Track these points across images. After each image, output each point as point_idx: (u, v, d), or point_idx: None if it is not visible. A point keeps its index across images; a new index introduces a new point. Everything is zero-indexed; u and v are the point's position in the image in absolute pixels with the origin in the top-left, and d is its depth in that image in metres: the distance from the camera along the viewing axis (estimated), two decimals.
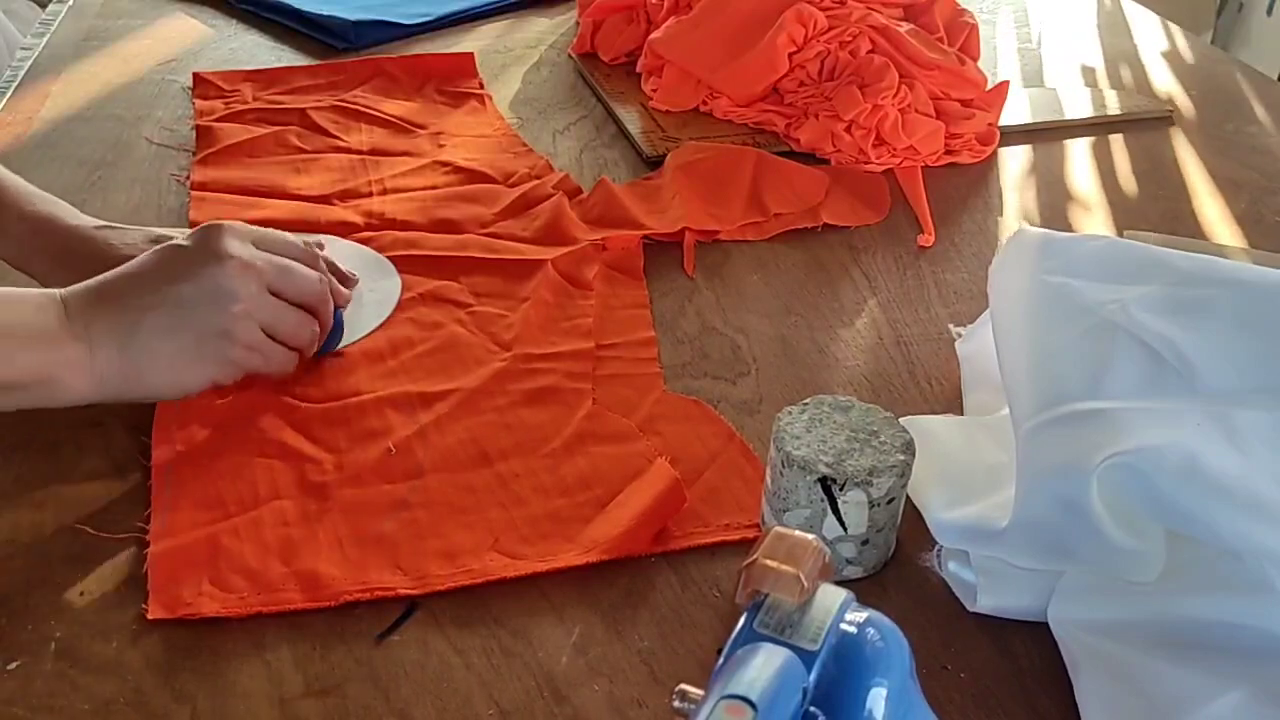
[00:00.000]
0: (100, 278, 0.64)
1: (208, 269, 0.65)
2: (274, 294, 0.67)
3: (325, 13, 1.23)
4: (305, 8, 1.24)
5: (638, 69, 1.13)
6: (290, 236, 0.71)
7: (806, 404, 0.60)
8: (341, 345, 0.75)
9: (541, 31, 1.28)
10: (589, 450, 0.67)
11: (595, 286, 0.82)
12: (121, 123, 1.04)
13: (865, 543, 0.58)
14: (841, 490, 0.56)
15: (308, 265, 0.70)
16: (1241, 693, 0.51)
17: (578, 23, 1.23)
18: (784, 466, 0.57)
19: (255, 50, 1.20)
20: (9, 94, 1.09)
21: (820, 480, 0.56)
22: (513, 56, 1.21)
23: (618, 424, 0.69)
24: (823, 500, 0.57)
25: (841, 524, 0.57)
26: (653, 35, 1.11)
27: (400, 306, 0.79)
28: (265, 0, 1.27)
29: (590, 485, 0.65)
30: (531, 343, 0.76)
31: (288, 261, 0.69)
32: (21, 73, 1.13)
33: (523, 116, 1.08)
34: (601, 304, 0.80)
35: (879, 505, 0.57)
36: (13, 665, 0.54)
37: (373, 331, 0.77)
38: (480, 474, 0.65)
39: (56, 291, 0.63)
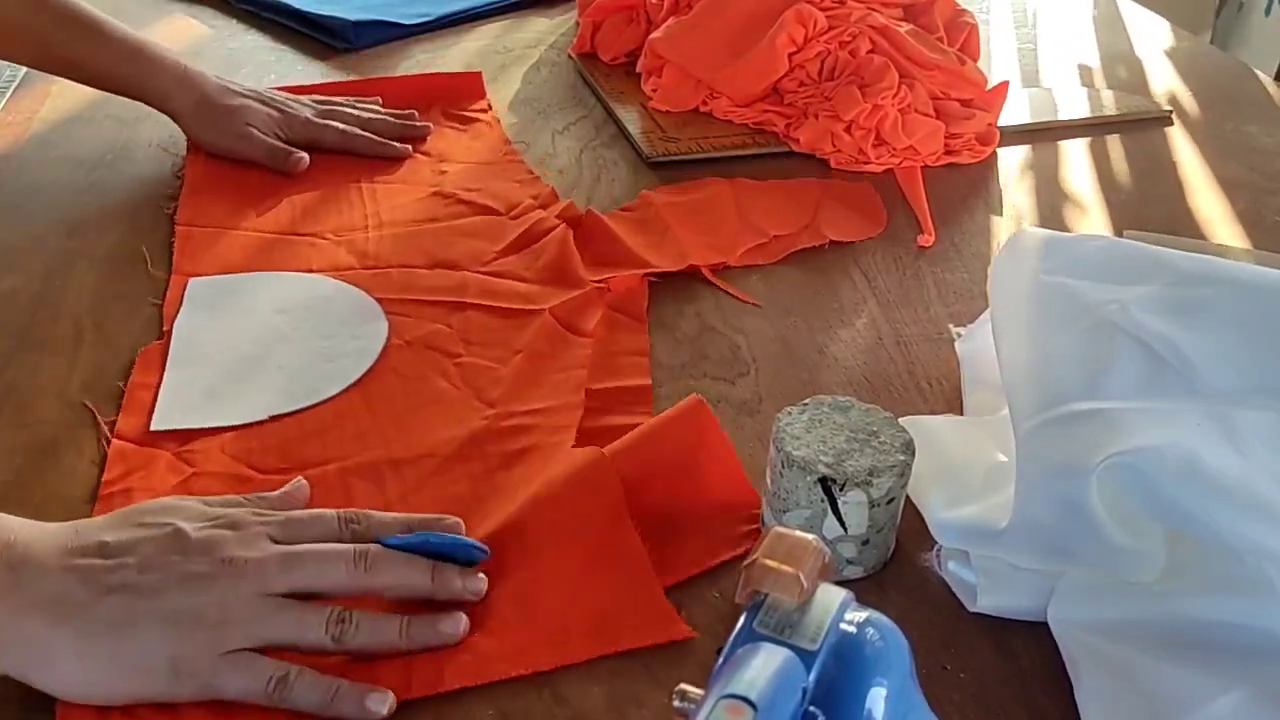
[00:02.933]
0: (71, 534, 0.53)
1: (203, 562, 0.52)
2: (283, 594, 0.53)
3: (325, 13, 1.23)
4: (305, 8, 1.24)
5: (638, 69, 1.13)
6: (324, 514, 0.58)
7: (806, 404, 0.60)
8: (318, 401, 0.70)
9: (541, 31, 1.28)
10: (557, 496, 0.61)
11: (596, 333, 0.77)
12: (121, 123, 1.04)
13: (865, 543, 0.58)
14: (842, 490, 0.56)
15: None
16: (1241, 693, 0.51)
17: (578, 23, 1.23)
18: (784, 467, 0.57)
19: (255, 50, 1.20)
20: (9, 94, 1.09)
21: (820, 480, 0.56)
22: (513, 56, 1.21)
23: (574, 455, 0.64)
24: (823, 500, 0.57)
25: (842, 524, 0.57)
26: (653, 35, 1.11)
27: (385, 354, 0.75)
28: (265, 0, 1.27)
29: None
30: (517, 399, 0.71)
31: (304, 549, 0.54)
32: (21, 73, 1.13)
33: (523, 116, 1.08)
34: (600, 349, 0.76)
35: (879, 505, 0.57)
36: None
37: (352, 385, 0.72)
38: None
39: (7, 524, 0.52)
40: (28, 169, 0.96)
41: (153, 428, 0.68)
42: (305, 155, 0.96)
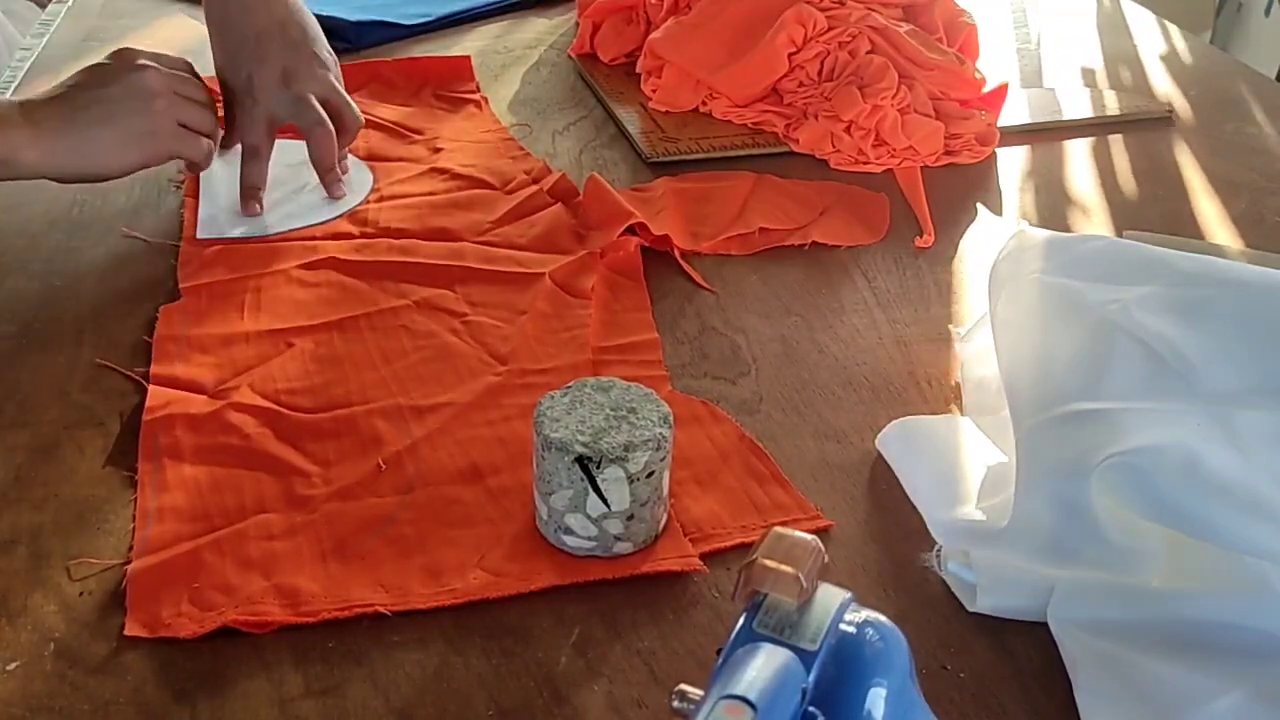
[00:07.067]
0: (46, 90, 0.82)
1: (130, 75, 0.82)
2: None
3: (325, 13, 1.23)
4: None
5: (637, 69, 1.13)
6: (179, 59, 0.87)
7: (569, 387, 0.61)
8: (314, 223, 0.88)
9: (541, 32, 1.28)
10: None
11: (595, 295, 0.80)
12: None
13: (631, 518, 0.59)
14: (599, 468, 0.57)
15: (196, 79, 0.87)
16: (1241, 693, 0.51)
17: (577, 23, 1.23)
18: (544, 450, 0.58)
19: None
20: (9, 94, 1.09)
21: (577, 460, 0.57)
22: (512, 57, 1.21)
23: None
24: (583, 480, 0.57)
25: (604, 501, 0.58)
26: (652, 36, 1.11)
27: (395, 314, 0.78)
28: None
29: None
30: (528, 357, 0.75)
31: (184, 74, 0.85)
32: (21, 73, 1.13)
33: (522, 117, 1.08)
34: (603, 308, 0.80)
35: (638, 480, 0.58)
36: (13, 665, 0.54)
37: (340, 216, 0.89)
38: (470, 489, 0.64)
39: (13, 99, 0.81)
40: None
41: (198, 235, 0.86)
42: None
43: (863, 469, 0.67)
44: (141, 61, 0.83)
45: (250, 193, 0.90)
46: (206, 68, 1.04)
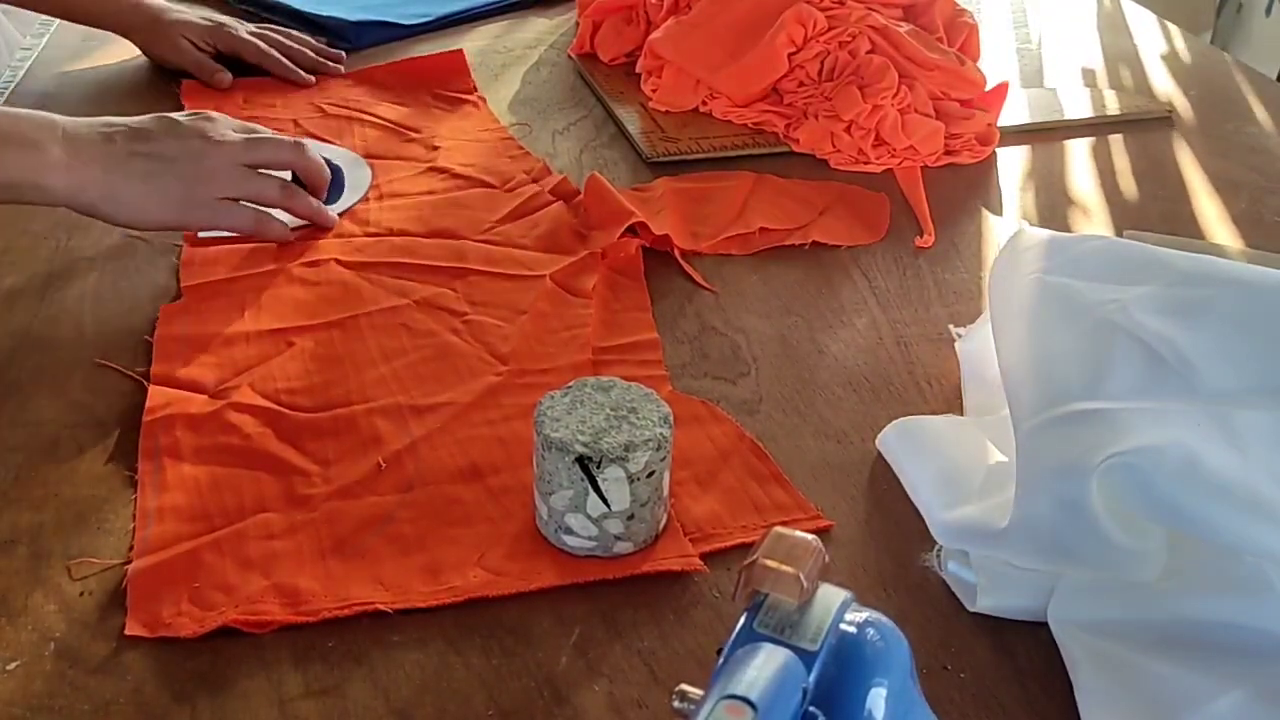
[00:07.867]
0: (104, 119, 0.79)
1: (192, 141, 0.80)
2: (250, 166, 0.82)
3: (325, 13, 1.23)
4: (305, 8, 1.24)
5: (637, 69, 1.14)
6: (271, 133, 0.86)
7: (570, 387, 0.61)
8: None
9: (541, 32, 1.28)
10: None
11: (595, 294, 0.81)
12: None
13: (631, 518, 0.59)
14: (599, 468, 0.57)
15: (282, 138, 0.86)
16: (1241, 693, 0.51)
17: (577, 23, 1.23)
18: (544, 450, 0.58)
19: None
20: (9, 94, 1.09)
21: (578, 460, 0.57)
22: (512, 57, 1.21)
23: None
24: (583, 480, 0.57)
25: (605, 501, 0.58)
26: (652, 36, 1.11)
27: (395, 313, 0.78)
28: (265, 0, 1.27)
29: None
30: (528, 357, 0.75)
31: (261, 135, 0.84)
32: (21, 73, 1.13)
33: (522, 117, 1.08)
34: (604, 307, 0.80)
35: (639, 480, 0.58)
36: (13, 665, 0.54)
37: (340, 214, 0.89)
38: (470, 488, 0.64)
39: (59, 117, 0.77)
40: None
41: (198, 235, 0.85)
42: (228, 75, 1.09)
43: (863, 469, 0.67)
44: (214, 131, 0.81)
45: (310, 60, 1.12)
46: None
